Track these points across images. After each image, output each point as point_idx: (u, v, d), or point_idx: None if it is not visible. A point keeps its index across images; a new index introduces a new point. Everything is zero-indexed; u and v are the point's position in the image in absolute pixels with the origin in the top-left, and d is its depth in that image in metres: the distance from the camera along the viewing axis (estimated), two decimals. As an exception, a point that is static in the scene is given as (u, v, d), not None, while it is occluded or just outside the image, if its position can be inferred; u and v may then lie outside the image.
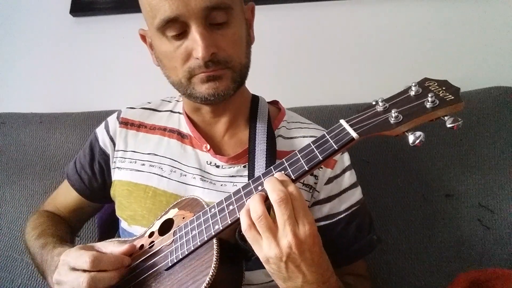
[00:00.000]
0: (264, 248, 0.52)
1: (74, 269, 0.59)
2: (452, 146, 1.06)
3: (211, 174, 0.75)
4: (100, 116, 1.15)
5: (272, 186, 0.52)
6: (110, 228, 0.96)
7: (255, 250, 0.54)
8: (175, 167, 0.76)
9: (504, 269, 0.90)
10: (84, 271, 0.58)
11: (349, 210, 0.76)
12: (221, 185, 0.74)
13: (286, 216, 0.50)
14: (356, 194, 0.78)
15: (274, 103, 0.88)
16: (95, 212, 0.93)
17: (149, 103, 0.88)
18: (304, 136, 0.79)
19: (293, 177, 0.54)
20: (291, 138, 0.80)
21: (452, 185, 1.03)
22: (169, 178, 0.75)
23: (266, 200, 0.53)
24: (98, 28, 1.38)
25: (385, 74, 1.29)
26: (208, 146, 0.77)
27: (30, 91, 1.40)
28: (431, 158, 1.06)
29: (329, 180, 0.76)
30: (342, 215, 0.76)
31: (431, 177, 1.05)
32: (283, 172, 0.55)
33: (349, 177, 0.78)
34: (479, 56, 1.26)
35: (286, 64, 1.32)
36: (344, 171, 0.78)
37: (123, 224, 0.78)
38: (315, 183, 0.75)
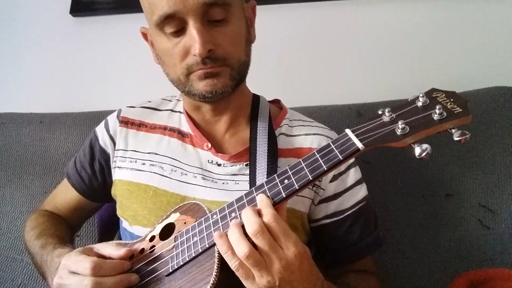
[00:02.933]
0: (256, 280, 0.52)
1: (75, 273, 0.59)
2: (452, 146, 1.05)
3: (212, 172, 0.75)
4: (100, 116, 1.15)
5: (247, 220, 0.52)
6: (110, 228, 0.96)
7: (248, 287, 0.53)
8: (175, 166, 0.76)
9: (504, 269, 0.90)
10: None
11: (356, 206, 0.76)
12: (223, 183, 0.74)
13: (267, 246, 0.51)
14: (362, 191, 0.78)
15: (276, 102, 0.88)
16: (94, 211, 0.93)
17: (150, 102, 0.87)
18: (307, 134, 0.79)
19: (296, 186, 0.53)
20: (294, 136, 0.79)
21: (452, 185, 1.03)
22: (170, 178, 0.75)
23: None
24: (98, 28, 1.38)
25: (385, 74, 1.29)
26: (209, 145, 0.77)
27: (30, 91, 1.40)
28: (431, 158, 1.04)
29: (334, 178, 0.76)
30: (349, 212, 0.76)
31: (431, 177, 1.04)
32: (268, 195, 0.55)
33: (354, 174, 0.78)
34: (479, 56, 1.26)
35: (286, 64, 1.32)
36: (348, 168, 0.78)
37: (124, 224, 0.78)
38: (319, 181, 0.75)
